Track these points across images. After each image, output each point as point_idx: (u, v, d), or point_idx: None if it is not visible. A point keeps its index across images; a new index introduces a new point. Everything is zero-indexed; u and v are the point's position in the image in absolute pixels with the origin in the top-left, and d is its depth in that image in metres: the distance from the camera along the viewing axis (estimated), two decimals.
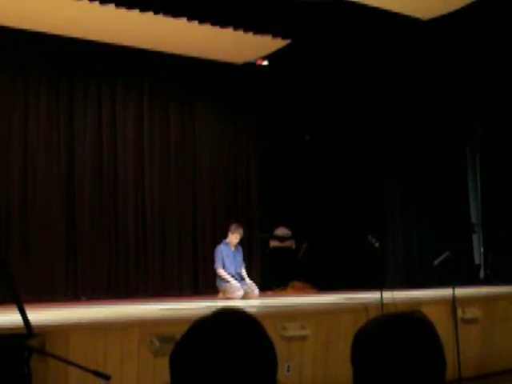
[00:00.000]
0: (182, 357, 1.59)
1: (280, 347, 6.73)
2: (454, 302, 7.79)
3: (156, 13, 10.48)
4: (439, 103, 12.82)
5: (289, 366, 6.90)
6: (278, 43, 12.20)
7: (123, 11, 10.26)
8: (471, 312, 8.56)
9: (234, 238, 10.90)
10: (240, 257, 11.04)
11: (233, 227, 11.03)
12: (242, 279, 10.88)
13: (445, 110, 12.92)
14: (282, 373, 6.78)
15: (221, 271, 10.69)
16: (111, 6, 10.08)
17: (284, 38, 11.99)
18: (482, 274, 13.36)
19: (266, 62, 13.55)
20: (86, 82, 11.90)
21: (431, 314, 1.80)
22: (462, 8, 10.64)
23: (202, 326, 1.62)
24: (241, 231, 11.00)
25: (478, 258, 13.45)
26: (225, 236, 11.10)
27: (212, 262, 11.02)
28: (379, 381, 1.68)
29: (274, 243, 13.62)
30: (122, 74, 12.27)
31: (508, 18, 11.38)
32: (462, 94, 13.02)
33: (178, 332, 1.71)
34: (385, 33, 11.86)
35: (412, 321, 1.74)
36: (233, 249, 10.92)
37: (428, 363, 1.68)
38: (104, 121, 12.03)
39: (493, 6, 10.80)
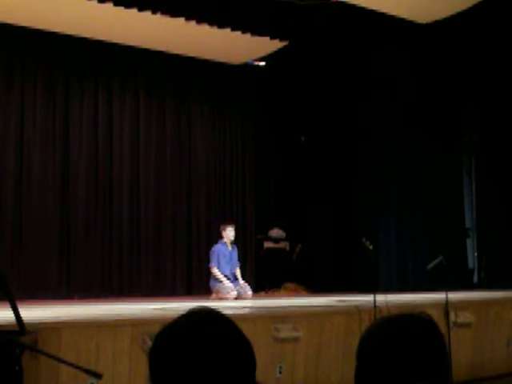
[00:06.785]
0: (156, 363, 1.56)
1: (272, 348, 6.74)
2: (446, 306, 7.79)
3: (154, 12, 10.50)
4: (434, 107, 12.85)
5: (281, 368, 6.89)
6: (275, 45, 12.21)
7: (121, 10, 10.27)
8: (464, 316, 8.57)
9: (228, 231, 10.90)
10: (236, 257, 11.03)
11: (222, 225, 11.07)
12: (235, 279, 10.87)
13: (440, 114, 12.95)
14: (274, 374, 6.77)
15: (215, 271, 10.67)
16: (109, 5, 10.10)
17: (281, 39, 12.01)
18: (475, 279, 13.39)
19: (262, 63, 13.54)
20: (82, 79, 11.87)
21: None
22: (458, 13, 10.67)
23: (173, 329, 1.58)
24: (231, 223, 11.04)
25: (472, 263, 13.48)
26: (219, 237, 11.08)
27: (206, 262, 11.01)
28: (386, 379, 1.67)
29: (268, 244, 13.61)
30: (118, 72, 12.25)
31: (500, 25, 11.42)
32: (456, 98, 13.06)
33: None
34: (382, 36, 11.86)
35: (420, 321, 1.75)
36: (230, 249, 10.90)
37: (436, 363, 1.68)
38: (100, 119, 12.00)
39: (487, 13, 10.82)
